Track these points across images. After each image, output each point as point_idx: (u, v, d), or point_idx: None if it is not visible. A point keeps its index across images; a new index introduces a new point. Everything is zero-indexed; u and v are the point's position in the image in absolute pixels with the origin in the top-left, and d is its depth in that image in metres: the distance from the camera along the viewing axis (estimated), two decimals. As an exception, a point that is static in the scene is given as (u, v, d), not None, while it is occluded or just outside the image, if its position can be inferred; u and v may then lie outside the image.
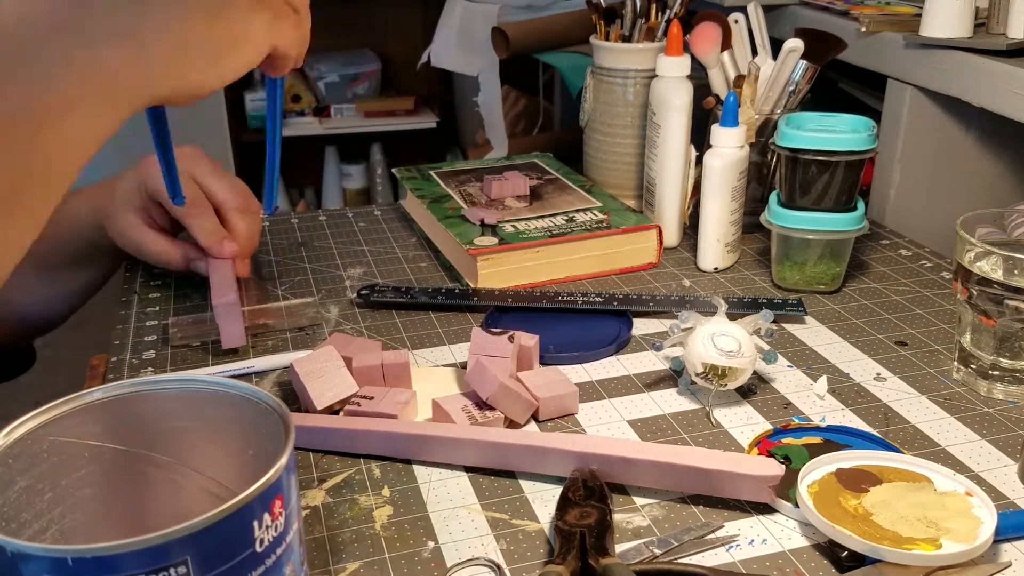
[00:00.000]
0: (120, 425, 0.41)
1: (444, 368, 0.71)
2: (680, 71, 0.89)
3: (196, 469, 0.43)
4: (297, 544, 0.38)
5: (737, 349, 0.63)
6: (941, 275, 0.86)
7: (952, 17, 0.89)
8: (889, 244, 0.93)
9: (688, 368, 0.65)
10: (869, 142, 0.78)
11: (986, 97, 0.86)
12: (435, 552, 0.52)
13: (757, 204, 0.93)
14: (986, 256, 0.64)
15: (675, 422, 0.63)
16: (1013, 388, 0.65)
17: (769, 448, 0.59)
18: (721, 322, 0.65)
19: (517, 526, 0.53)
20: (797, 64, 0.90)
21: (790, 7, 1.15)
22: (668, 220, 0.92)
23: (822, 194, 0.80)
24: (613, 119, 0.98)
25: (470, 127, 2.11)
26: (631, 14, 0.97)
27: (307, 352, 0.68)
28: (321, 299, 0.82)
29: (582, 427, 0.63)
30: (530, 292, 0.81)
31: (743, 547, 0.52)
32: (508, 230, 0.86)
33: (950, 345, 0.73)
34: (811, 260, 0.82)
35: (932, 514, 0.51)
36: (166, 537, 0.32)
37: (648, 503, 0.55)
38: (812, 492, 0.53)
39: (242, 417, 0.41)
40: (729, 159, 0.84)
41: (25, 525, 0.38)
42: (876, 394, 0.67)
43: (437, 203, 0.93)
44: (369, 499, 0.56)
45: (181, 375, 0.43)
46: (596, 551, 0.49)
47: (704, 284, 0.85)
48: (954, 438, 0.61)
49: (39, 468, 0.39)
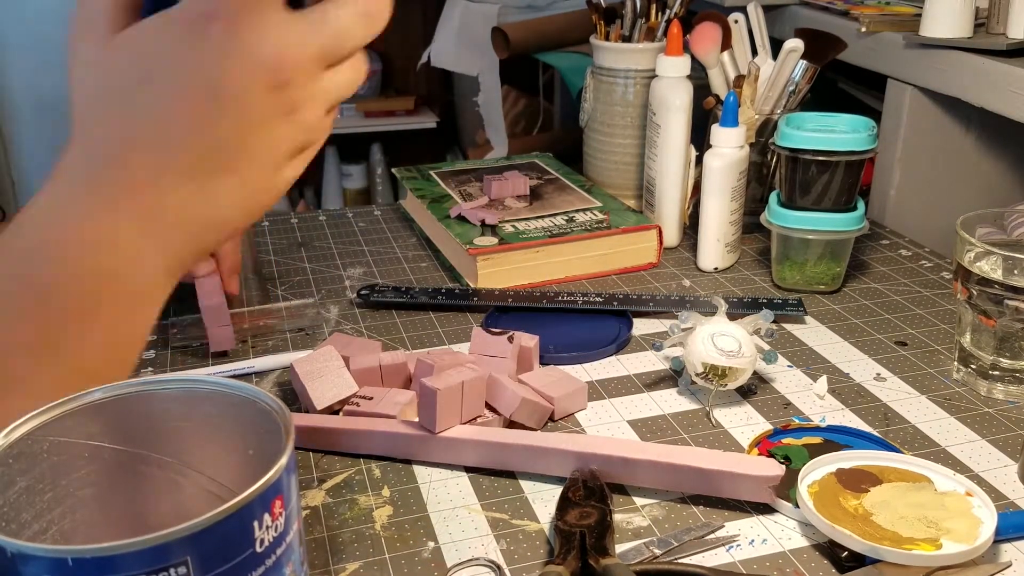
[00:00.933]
0: (120, 425, 0.41)
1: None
2: (680, 71, 0.89)
3: (196, 469, 0.42)
4: (297, 544, 0.38)
5: (737, 349, 0.63)
6: (941, 275, 0.86)
7: (952, 17, 0.89)
8: (889, 244, 0.93)
9: (688, 368, 0.65)
10: (869, 142, 0.78)
11: (986, 97, 0.86)
12: (435, 552, 0.51)
13: (757, 204, 0.93)
14: (986, 256, 0.64)
15: (675, 422, 0.63)
16: (1013, 388, 0.65)
17: (769, 448, 0.59)
18: (721, 322, 0.65)
19: (517, 526, 0.53)
20: (797, 64, 0.90)
21: (790, 7, 1.15)
22: (668, 220, 0.92)
23: (822, 194, 0.80)
24: (613, 119, 0.98)
25: (470, 127, 2.11)
26: (631, 14, 0.97)
27: (307, 352, 0.68)
28: (321, 299, 0.82)
29: (582, 427, 0.63)
30: (530, 292, 0.81)
31: (743, 547, 0.52)
32: (508, 230, 0.86)
33: (950, 345, 0.73)
34: (811, 260, 0.82)
35: (932, 514, 0.51)
36: (166, 537, 0.32)
37: (648, 503, 0.55)
38: (812, 492, 0.53)
39: (242, 417, 0.40)
40: (729, 159, 0.84)
41: (25, 525, 0.38)
42: (876, 394, 0.67)
43: (437, 203, 0.93)
44: (369, 499, 0.56)
45: (181, 375, 0.43)
46: (596, 551, 0.49)
47: (704, 284, 0.85)
48: (954, 438, 0.61)
49: (39, 468, 0.39)
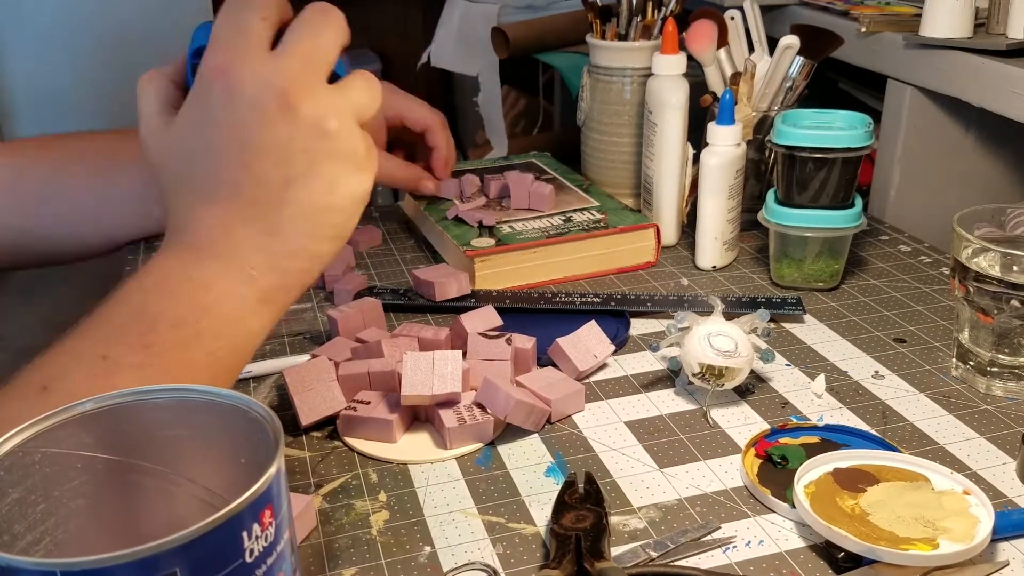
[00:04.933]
0: (112, 435, 0.41)
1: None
2: (676, 69, 0.89)
3: (189, 478, 0.42)
4: (289, 553, 0.38)
5: (734, 349, 0.63)
6: (940, 271, 0.85)
7: (952, 17, 0.89)
8: (888, 240, 0.93)
9: (685, 368, 0.65)
10: (866, 138, 0.78)
11: (986, 97, 0.86)
12: (431, 557, 0.52)
13: (755, 202, 0.92)
14: (983, 252, 0.64)
15: (672, 423, 0.63)
16: (1012, 384, 0.65)
17: (766, 448, 0.59)
18: (717, 322, 0.65)
19: (513, 530, 0.53)
20: (793, 60, 0.89)
21: (789, 7, 1.14)
22: (666, 219, 0.91)
23: (819, 191, 0.79)
24: (610, 118, 0.98)
25: (470, 127, 2.11)
26: (627, 12, 0.97)
27: (304, 358, 0.68)
28: (319, 303, 0.82)
29: (579, 429, 0.63)
30: (528, 293, 0.81)
31: (740, 549, 0.51)
32: (505, 231, 0.86)
33: (949, 342, 0.72)
34: (809, 257, 0.82)
35: (929, 513, 0.51)
36: (155, 549, 0.32)
37: (645, 506, 0.55)
38: (809, 492, 0.53)
39: (233, 426, 0.41)
40: (726, 157, 0.84)
41: (18, 537, 0.38)
42: (874, 392, 0.66)
43: (435, 204, 0.93)
44: (366, 504, 0.56)
45: (172, 385, 0.43)
46: (592, 554, 0.49)
47: (702, 283, 0.85)
48: (952, 436, 0.61)
49: (31, 479, 0.39)
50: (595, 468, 0.59)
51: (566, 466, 0.59)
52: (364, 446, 0.61)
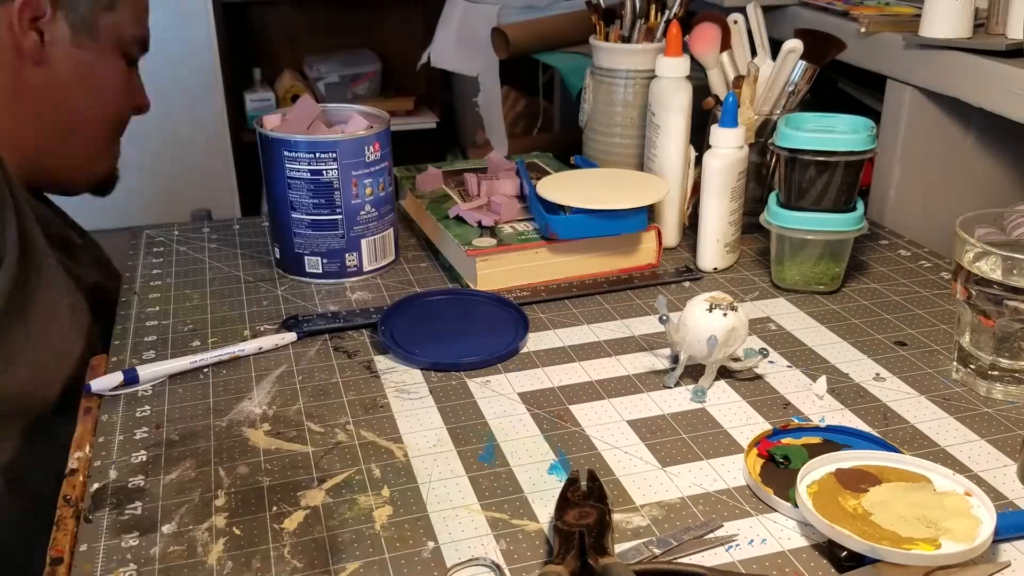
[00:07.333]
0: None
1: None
2: (679, 72, 0.89)
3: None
4: None
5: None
6: (940, 275, 0.86)
7: (952, 18, 0.90)
8: (888, 244, 0.93)
9: (691, 349, 0.66)
10: (868, 142, 0.78)
11: (985, 97, 0.87)
12: (435, 552, 0.52)
13: (756, 204, 0.93)
14: (985, 256, 0.64)
15: (675, 422, 0.63)
16: (1012, 388, 0.66)
17: (768, 448, 0.59)
18: (697, 305, 0.68)
19: (517, 526, 0.53)
20: (796, 64, 0.90)
21: (790, 8, 1.15)
22: (667, 221, 0.92)
23: (821, 194, 0.80)
24: (612, 120, 0.98)
25: (470, 127, 2.11)
26: (630, 15, 0.97)
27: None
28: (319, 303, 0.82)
29: (582, 427, 0.63)
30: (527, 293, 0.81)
31: (742, 547, 0.52)
32: (507, 231, 0.86)
33: (949, 345, 0.73)
34: (810, 260, 0.82)
35: (931, 514, 0.51)
36: None
37: (647, 504, 0.55)
38: (811, 492, 0.54)
39: None
40: (728, 159, 0.84)
41: None
42: (875, 394, 0.67)
43: (437, 203, 0.93)
44: (369, 499, 0.56)
45: None
46: (595, 551, 0.49)
47: (703, 284, 0.85)
48: (953, 438, 0.61)
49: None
50: (597, 466, 0.59)
51: (568, 464, 0.59)
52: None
